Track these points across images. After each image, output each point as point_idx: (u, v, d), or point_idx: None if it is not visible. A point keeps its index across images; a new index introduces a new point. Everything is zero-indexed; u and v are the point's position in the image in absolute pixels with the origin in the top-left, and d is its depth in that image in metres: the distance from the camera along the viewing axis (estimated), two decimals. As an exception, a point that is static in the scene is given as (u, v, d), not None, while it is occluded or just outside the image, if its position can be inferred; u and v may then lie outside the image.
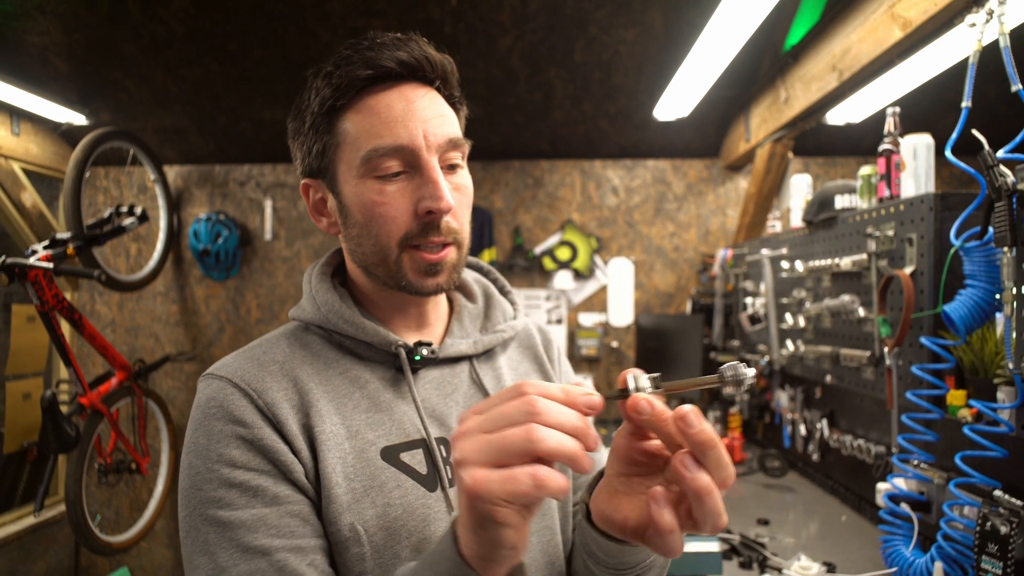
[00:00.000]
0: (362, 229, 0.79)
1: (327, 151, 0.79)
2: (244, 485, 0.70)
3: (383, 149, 0.75)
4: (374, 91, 0.77)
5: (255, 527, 0.68)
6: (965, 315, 1.34)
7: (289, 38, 2.76)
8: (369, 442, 0.76)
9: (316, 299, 0.83)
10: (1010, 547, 1.13)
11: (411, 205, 0.77)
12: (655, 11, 2.56)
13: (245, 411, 0.73)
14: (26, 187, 3.21)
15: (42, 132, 3.32)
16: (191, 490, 0.71)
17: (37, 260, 2.39)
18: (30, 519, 3.14)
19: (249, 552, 0.67)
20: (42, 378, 3.29)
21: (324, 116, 0.78)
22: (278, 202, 3.68)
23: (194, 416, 0.74)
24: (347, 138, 0.77)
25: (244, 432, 0.72)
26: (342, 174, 0.79)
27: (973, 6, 1.47)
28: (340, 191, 0.80)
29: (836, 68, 2.17)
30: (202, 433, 0.72)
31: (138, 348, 3.69)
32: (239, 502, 0.69)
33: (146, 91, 3.08)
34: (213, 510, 0.69)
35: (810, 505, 2.12)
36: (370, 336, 0.81)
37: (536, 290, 3.61)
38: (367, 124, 0.76)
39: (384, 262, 0.79)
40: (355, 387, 0.80)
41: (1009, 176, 1.16)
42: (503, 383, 0.90)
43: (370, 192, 0.77)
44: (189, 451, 0.73)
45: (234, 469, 0.70)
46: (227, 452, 0.71)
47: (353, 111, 0.77)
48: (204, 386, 0.76)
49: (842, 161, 3.51)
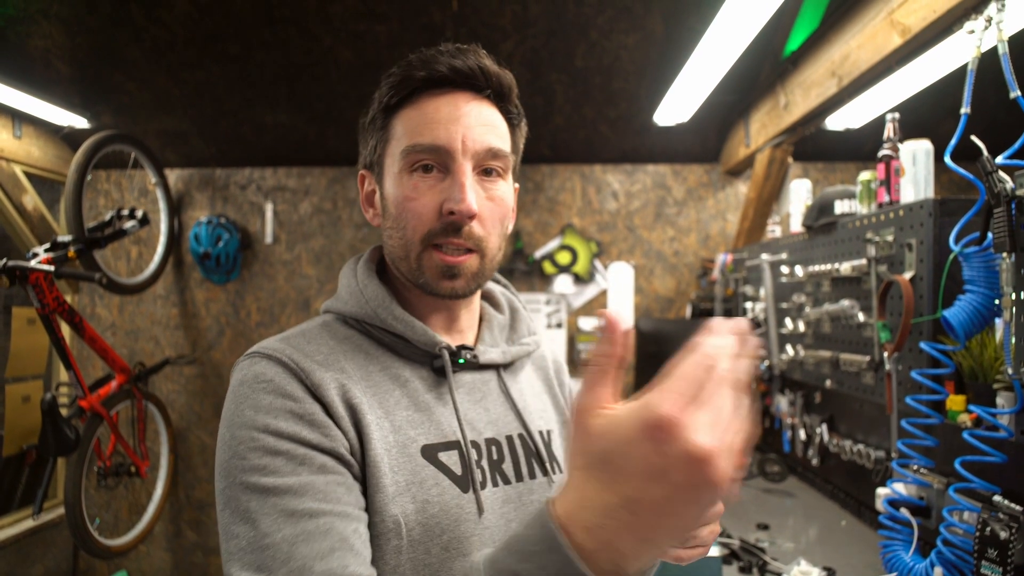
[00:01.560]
0: (395, 222, 0.82)
1: (379, 145, 0.84)
2: (291, 453, 0.69)
3: (421, 146, 0.79)
4: (427, 94, 0.81)
5: (301, 492, 0.67)
6: (964, 320, 1.34)
7: (291, 42, 2.77)
8: (411, 438, 0.78)
9: (365, 293, 0.84)
10: (1010, 552, 1.13)
11: (437, 203, 0.79)
12: (656, 17, 2.57)
13: (295, 388, 0.73)
14: (27, 190, 3.21)
15: (44, 135, 3.33)
16: (232, 460, 0.69)
17: (38, 263, 2.39)
18: (29, 522, 3.14)
19: (294, 516, 0.66)
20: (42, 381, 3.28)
21: (381, 113, 0.83)
22: (279, 205, 3.69)
23: (238, 391, 0.74)
24: (395, 134, 0.82)
25: (294, 406, 0.72)
26: (387, 168, 0.83)
27: (972, 13, 1.48)
28: (384, 184, 0.84)
29: (836, 74, 2.18)
30: (248, 406, 0.72)
31: (138, 351, 3.69)
32: (285, 469, 0.68)
33: (148, 94, 3.09)
34: (256, 477, 0.68)
35: (810, 510, 2.12)
36: (418, 335, 0.83)
37: (536, 294, 3.62)
38: (413, 122, 0.80)
39: (407, 257, 0.82)
40: (396, 384, 0.81)
41: (1008, 182, 1.17)
42: (524, 396, 0.93)
43: (404, 187, 0.80)
44: (232, 424, 0.72)
45: (280, 439, 0.70)
46: (275, 423, 0.70)
47: (406, 110, 0.82)
48: (249, 364, 0.76)
49: (842, 166, 3.52)
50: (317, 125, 3.35)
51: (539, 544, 0.48)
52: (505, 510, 0.82)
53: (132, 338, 3.72)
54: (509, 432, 0.88)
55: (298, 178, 3.69)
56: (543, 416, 0.95)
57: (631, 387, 3.58)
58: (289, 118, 3.29)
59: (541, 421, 0.93)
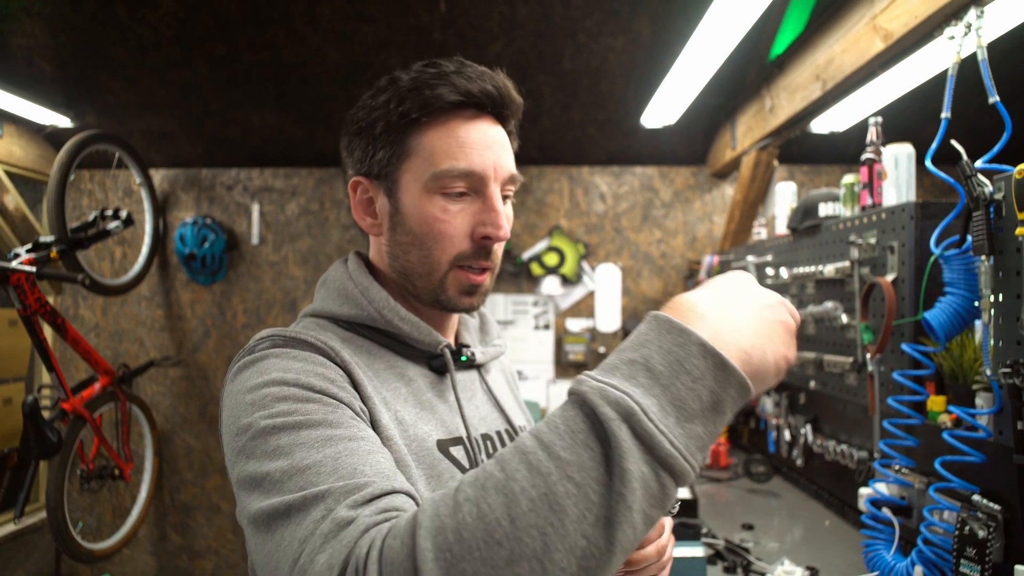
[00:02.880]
0: (415, 239, 0.83)
1: (394, 158, 0.82)
2: (323, 401, 0.68)
3: (457, 171, 0.79)
4: (457, 116, 0.81)
5: (336, 424, 0.65)
6: (945, 322, 1.36)
7: (278, 42, 2.75)
8: (427, 433, 0.80)
9: (367, 296, 0.84)
10: (988, 551, 1.15)
11: (469, 227, 0.82)
12: (643, 19, 2.59)
13: (324, 360, 0.73)
14: (9, 190, 3.17)
15: (26, 134, 3.29)
16: (257, 412, 0.66)
17: (19, 264, 2.36)
18: (10, 526, 3.10)
19: (333, 441, 0.63)
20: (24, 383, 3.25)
21: (398, 126, 0.81)
22: (265, 206, 3.67)
23: (261, 364, 0.71)
24: (421, 152, 0.81)
25: (325, 372, 0.71)
26: (405, 183, 0.82)
27: (952, 19, 1.50)
28: (399, 198, 0.83)
29: (820, 78, 2.20)
30: (276, 368, 0.70)
31: (122, 353, 3.65)
32: (317, 411, 0.66)
33: (133, 94, 3.06)
34: (283, 419, 0.64)
35: (794, 510, 2.14)
36: (423, 335, 0.85)
37: (524, 295, 3.62)
38: (445, 145, 0.80)
39: (430, 275, 0.84)
40: (402, 382, 0.83)
41: (987, 186, 1.18)
42: (500, 394, 0.98)
43: (433, 207, 0.81)
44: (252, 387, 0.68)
45: (312, 392, 0.68)
46: (307, 380, 0.69)
47: (432, 129, 0.81)
48: (269, 345, 0.74)
49: (826, 169, 3.55)
50: (304, 126, 3.34)
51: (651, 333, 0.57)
52: None
53: (116, 340, 3.68)
54: (497, 428, 0.93)
55: (285, 179, 3.67)
56: (516, 413, 1.00)
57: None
58: (276, 119, 3.27)
59: (518, 418, 0.99)
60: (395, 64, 0.89)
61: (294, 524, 0.57)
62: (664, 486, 0.51)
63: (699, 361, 0.54)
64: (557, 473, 0.50)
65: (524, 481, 0.50)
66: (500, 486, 0.51)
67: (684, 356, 0.54)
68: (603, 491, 0.50)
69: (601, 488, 0.50)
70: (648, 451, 0.51)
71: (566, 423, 0.53)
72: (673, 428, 0.51)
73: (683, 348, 0.54)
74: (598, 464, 0.50)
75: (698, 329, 0.55)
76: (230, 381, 0.74)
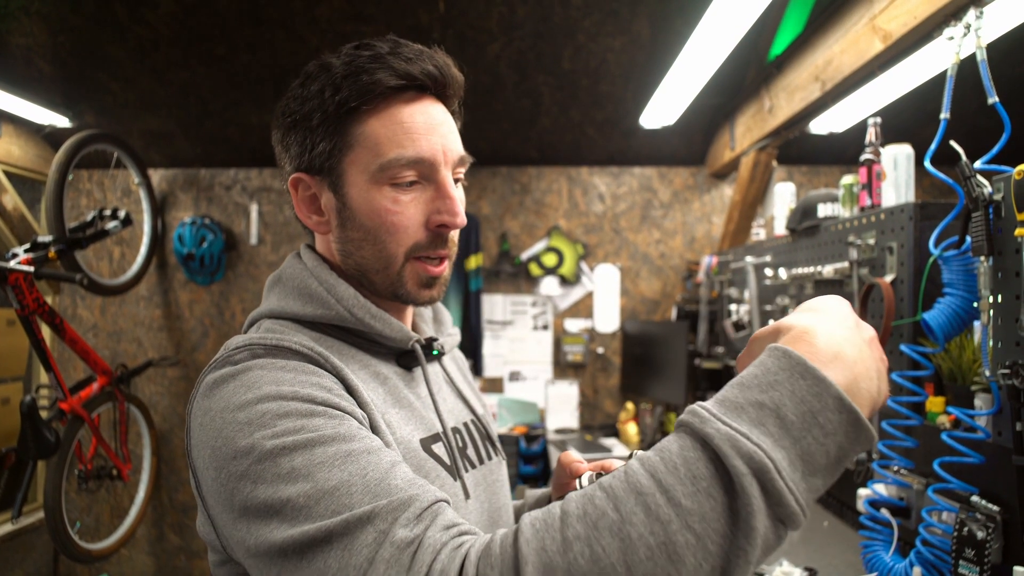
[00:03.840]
0: (367, 234, 0.79)
1: (335, 151, 0.77)
2: (329, 414, 0.64)
3: (405, 159, 0.75)
4: (398, 100, 0.77)
5: (351, 437, 0.62)
6: (944, 323, 1.36)
7: (277, 43, 2.75)
8: (410, 433, 0.78)
9: (334, 295, 0.79)
10: (986, 552, 1.15)
11: (423, 216, 0.78)
12: (642, 20, 2.59)
13: (315, 368, 0.69)
14: (7, 189, 3.17)
15: (24, 134, 3.28)
16: (258, 433, 0.61)
17: (17, 263, 2.36)
18: (8, 526, 3.09)
19: (353, 456, 0.60)
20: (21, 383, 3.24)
21: (336, 116, 0.76)
22: (264, 206, 3.66)
23: (246, 377, 0.66)
24: (364, 142, 0.76)
25: (320, 380, 0.68)
26: (351, 176, 0.78)
27: (951, 20, 1.50)
28: (345, 193, 0.79)
29: (819, 78, 2.20)
30: (267, 382, 0.65)
31: (120, 353, 3.65)
32: (326, 426, 0.62)
33: (131, 94, 3.06)
34: (291, 437, 0.60)
35: (793, 511, 2.14)
36: (395, 331, 0.81)
37: (522, 296, 3.62)
38: (389, 132, 0.76)
39: (386, 270, 0.80)
40: (377, 382, 0.80)
41: (986, 187, 1.18)
42: (458, 384, 0.97)
43: (383, 199, 0.77)
44: (243, 405, 0.63)
45: (315, 405, 0.64)
46: (305, 391, 0.65)
47: (374, 116, 0.76)
48: (249, 356, 0.69)
49: (825, 170, 3.55)
50: (303, 126, 3.33)
51: (781, 373, 0.53)
52: (478, 492, 0.85)
53: (114, 340, 3.67)
54: (464, 419, 0.92)
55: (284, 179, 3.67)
56: (475, 401, 0.99)
57: (617, 386, 3.60)
58: (275, 118, 3.26)
59: (478, 405, 0.98)
60: None
61: (339, 550, 0.54)
62: (780, 538, 0.50)
63: (834, 415, 0.51)
64: (678, 522, 0.48)
65: (642, 527, 0.48)
66: (615, 528, 0.49)
67: (819, 408, 0.51)
68: (724, 544, 0.48)
69: (722, 540, 0.48)
70: (774, 507, 0.49)
71: (687, 465, 0.50)
72: (799, 483, 0.50)
73: (819, 399, 0.51)
74: (721, 515, 0.49)
75: (833, 376, 0.53)
76: (204, 396, 0.67)
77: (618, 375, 3.60)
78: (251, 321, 0.84)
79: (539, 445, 3.16)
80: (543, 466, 3.18)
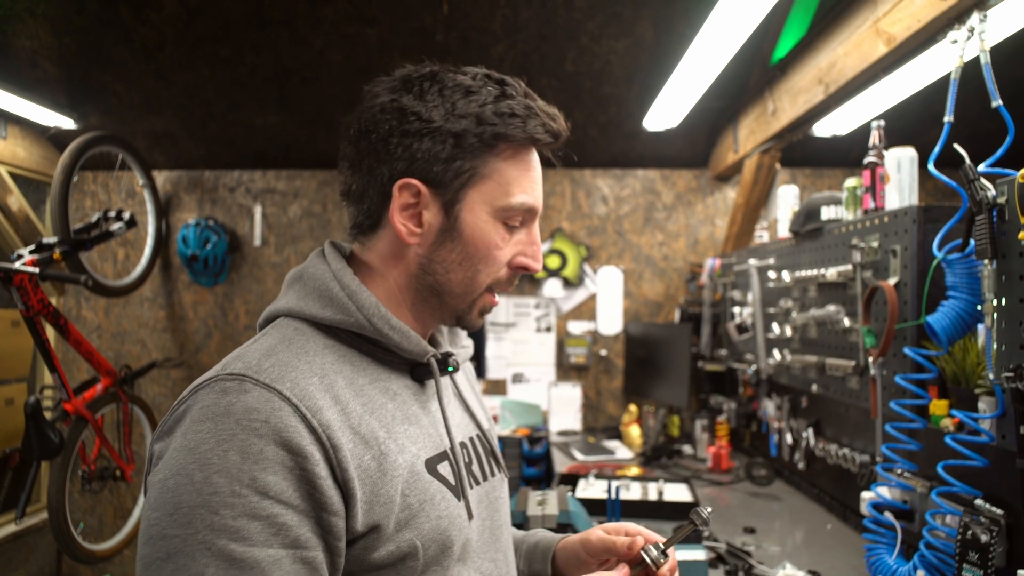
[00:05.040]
0: (466, 259, 0.81)
1: (464, 173, 0.78)
2: (271, 520, 0.63)
3: (526, 205, 0.81)
4: (531, 148, 0.82)
5: (269, 571, 0.62)
6: (947, 326, 1.36)
7: (281, 44, 2.76)
8: (415, 455, 0.77)
9: (355, 301, 0.78)
10: (990, 556, 1.15)
11: (510, 256, 0.83)
12: (646, 22, 2.59)
13: (300, 436, 0.66)
14: (13, 191, 3.18)
15: (30, 136, 3.30)
16: (200, 510, 0.62)
17: (23, 265, 2.37)
18: (11, 526, 3.10)
19: None
20: (26, 384, 3.25)
21: (482, 145, 0.78)
22: (268, 208, 3.67)
23: (223, 424, 0.65)
24: (498, 178, 0.80)
25: (291, 460, 0.65)
26: (472, 201, 0.79)
27: (955, 23, 1.50)
28: (459, 216, 0.79)
29: (822, 81, 2.20)
30: (234, 448, 0.63)
31: (124, 354, 3.66)
32: (258, 538, 0.62)
33: (136, 95, 3.07)
34: (224, 541, 0.61)
35: (796, 513, 2.13)
36: (412, 344, 0.81)
37: (525, 298, 3.62)
38: (521, 177, 0.81)
39: (466, 295, 0.83)
40: (387, 398, 0.78)
41: (990, 190, 1.18)
42: (468, 397, 0.97)
43: (495, 234, 0.81)
44: (207, 463, 0.63)
45: (265, 499, 0.63)
46: (264, 478, 0.63)
47: (511, 158, 0.80)
48: (238, 389, 0.67)
49: (829, 172, 3.55)
50: (307, 128, 3.35)
51: None
52: (479, 510, 0.85)
53: (118, 341, 3.68)
54: (470, 434, 0.92)
55: (287, 181, 3.68)
56: (483, 414, 0.99)
57: (620, 389, 3.59)
58: (279, 120, 3.28)
59: (484, 420, 0.98)
60: (398, 66, 0.85)
61: None
62: None
63: None
64: None
65: None
66: None
67: None
68: None
69: None
70: None
71: None
72: None
73: None
74: None
75: None
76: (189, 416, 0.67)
77: (621, 377, 3.60)
78: (269, 317, 0.83)
79: (542, 447, 3.16)
80: (545, 468, 3.18)
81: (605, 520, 1.90)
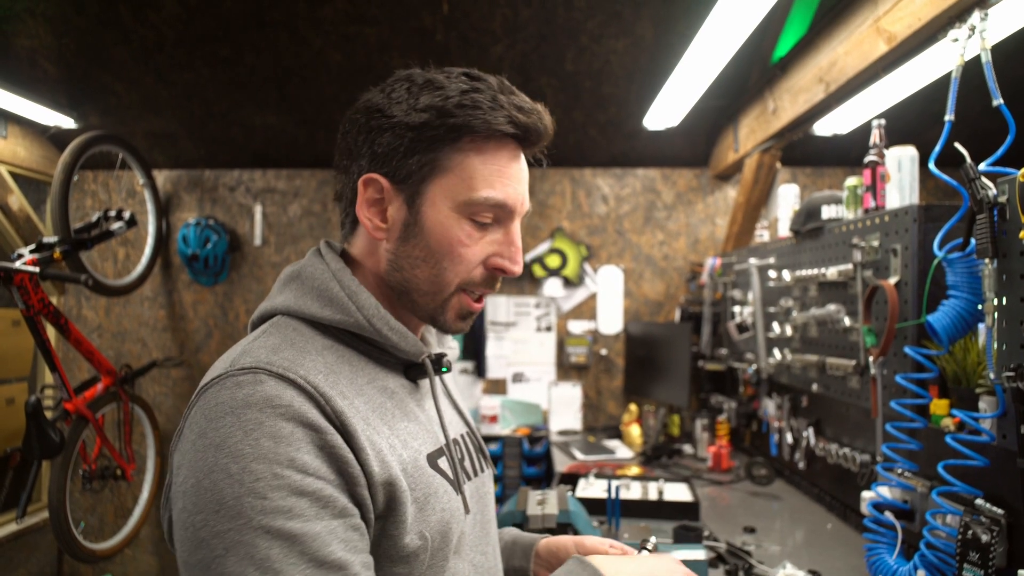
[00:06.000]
0: (429, 256, 0.79)
1: (426, 168, 0.78)
2: (317, 494, 0.65)
3: (493, 200, 0.78)
4: (501, 144, 0.79)
5: (328, 540, 0.64)
6: (948, 325, 1.35)
7: (281, 44, 2.76)
8: (417, 451, 0.78)
9: (355, 301, 0.79)
10: (991, 555, 1.15)
11: (485, 255, 0.81)
12: (646, 22, 2.59)
13: (316, 415, 0.67)
14: (13, 190, 3.18)
15: (30, 135, 3.30)
16: (247, 498, 0.62)
17: (23, 264, 2.37)
18: (12, 526, 3.10)
19: (325, 566, 0.63)
20: (26, 383, 3.26)
21: (440, 138, 0.76)
22: (268, 207, 3.67)
23: (245, 416, 0.65)
24: (460, 172, 0.78)
25: (317, 438, 0.67)
26: (434, 198, 0.78)
27: (956, 22, 1.50)
28: (421, 211, 0.79)
29: (823, 80, 2.19)
30: (264, 435, 0.64)
31: (125, 353, 3.66)
32: (310, 512, 0.64)
33: (136, 95, 3.07)
34: (281, 521, 0.62)
35: (796, 513, 2.13)
36: (409, 345, 0.82)
37: (526, 297, 3.62)
38: (486, 171, 0.78)
39: (434, 294, 0.81)
40: (385, 396, 0.79)
41: (991, 189, 1.18)
42: (455, 396, 1.00)
43: (459, 230, 0.78)
44: (240, 454, 0.63)
45: (306, 476, 0.65)
46: (300, 457, 0.65)
47: (475, 151, 0.78)
48: (252, 381, 0.67)
49: (829, 172, 3.55)
50: (307, 128, 3.35)
51: None
52: (472, 503, 0.87)
53: (119, 340, 3.69)
54: (461, 431, 0.94)
55: (287, 180, 3.68)
56: (467, 413, 1.01)
57: (621, 388, 3.59)
58: (279, 120, 3.27)
59: (469, 418, 1.01)
60: (397, 66, 0.85)
61: None
62: None
63: None
64: None
65: None
66: None
67: None
68: None
69: None
70: None
71: None
72: None
73: None
74: None
75: None
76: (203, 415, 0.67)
77: (621, 377, 3.60)
78: (264, 314, 0.83)
79: (542, 447, 3.16)
80: (545, 467, 3.18)
81: (605, 520, 1.90)
